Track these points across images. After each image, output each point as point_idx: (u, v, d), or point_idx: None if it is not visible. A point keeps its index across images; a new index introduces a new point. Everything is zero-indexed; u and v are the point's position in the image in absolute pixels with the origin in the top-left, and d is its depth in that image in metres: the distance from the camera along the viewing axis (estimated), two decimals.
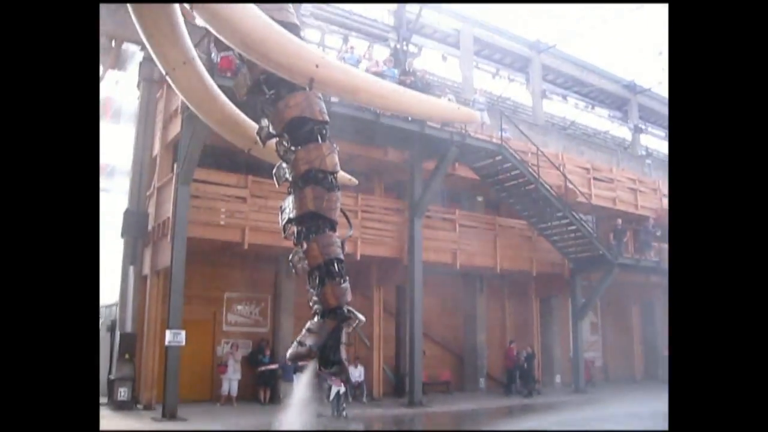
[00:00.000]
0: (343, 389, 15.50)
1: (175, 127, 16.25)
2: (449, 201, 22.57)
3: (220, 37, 6.21)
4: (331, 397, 15.69)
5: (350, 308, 6.33)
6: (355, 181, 8.46)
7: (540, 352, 22.77)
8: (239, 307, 18.20)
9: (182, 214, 14.78)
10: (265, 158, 8.01)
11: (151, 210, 17.17)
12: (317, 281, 6.28)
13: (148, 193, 17.48)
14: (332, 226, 6.38)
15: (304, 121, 6.38)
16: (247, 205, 16.04)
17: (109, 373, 16.68)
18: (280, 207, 6.63)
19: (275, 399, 16.98)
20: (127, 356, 16.00)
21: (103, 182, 24.79)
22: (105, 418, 14.40)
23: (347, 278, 6.36)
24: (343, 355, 6.09)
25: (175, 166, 15.42)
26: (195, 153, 14.60)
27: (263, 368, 17.04)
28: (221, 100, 8.12)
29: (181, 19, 7.55)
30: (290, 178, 6.41)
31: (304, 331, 6.37)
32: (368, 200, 18.52)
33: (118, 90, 21.50)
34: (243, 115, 8.14)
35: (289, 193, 6.49)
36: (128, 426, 13.40)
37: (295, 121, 6.37)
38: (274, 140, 6.65)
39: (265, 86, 6.59)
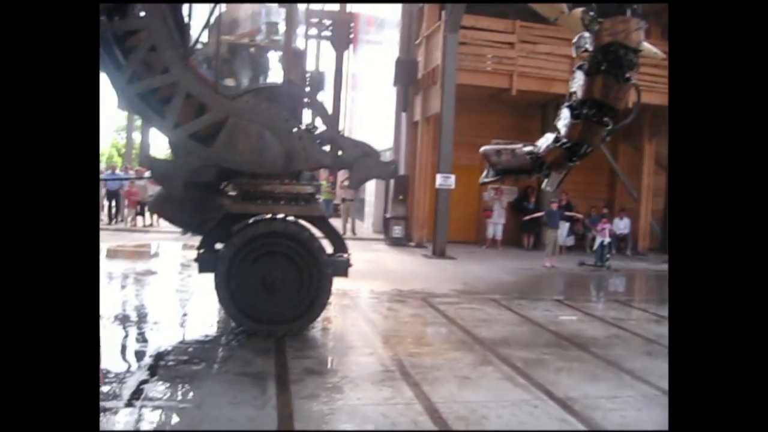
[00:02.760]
0: (608, 240, 15.34)
1: None
2: None
3: None
4: (595, 247, 15.65)
5: (551, 176, 7.07)
6: (661, 54, 8.06)
7: None
8: None
9: (451, 62, 15.02)
10: (569, 27, 8.24)
11: (421, 58, 17.62)
12: (558, 144, 6.59)
13: (416, 42, 17.90)
14: (614, 114, 6.35)
15: None
16: (515, 50, 15.81)
17: (385, 211, 18.15)
18: (573, 72, 6.67)
19: (539, 245, 17.34)
20: (400, 197, 17.21)
21: (374, 35, 25.88)
22: (382, 251, 15.89)
23: (576, 162, 6.85)
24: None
25: (443, 14, 15.50)
26: None
27: (528, 217, 17.35)
28: None
29: None
30: (590, 48, 6.30)
31: (512, 147, 7.28)
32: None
33: None
34: None
35: (582, 67, 6.44)
36: (405, 259, 14.62)
37: None
38: (580, 9, 6.60)
39: None
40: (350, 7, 32.07)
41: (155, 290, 9.73)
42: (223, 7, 7.14)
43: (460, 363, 6.09)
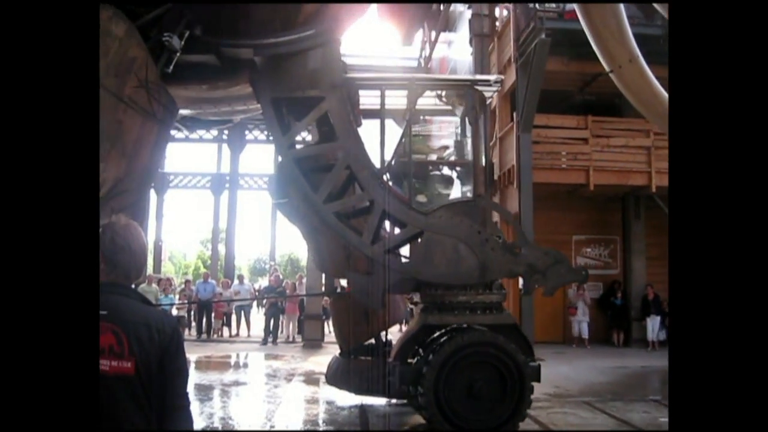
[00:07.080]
0: None
1: (510, 77, 16.56)
2: None
3: None
4: None
5: None
6: None
7: None
8: (588, 250, 18.11)
9: (526, 161, 15.10)
10: None
11: (495, 159, 17.78)
12: None
13: (490, 144, 18.09)
14: None
15: None
16: (589, 145, 15.79)
17: None
18: None
19: (629, 342, 16.67)
20: None
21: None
22: None
23: None
24: None
25: (515, 114, 15.74)
26: (533, 100, 14.74)
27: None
28: (663, 97, 8.68)
29: (625, 19, 8.20)
30: None
31: None
32: None
33: (452, 50, 22.50)
34: None
35: None
36: None
37: None
38: None
39: None
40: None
41: (242, 401, 9.77)
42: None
43: None
